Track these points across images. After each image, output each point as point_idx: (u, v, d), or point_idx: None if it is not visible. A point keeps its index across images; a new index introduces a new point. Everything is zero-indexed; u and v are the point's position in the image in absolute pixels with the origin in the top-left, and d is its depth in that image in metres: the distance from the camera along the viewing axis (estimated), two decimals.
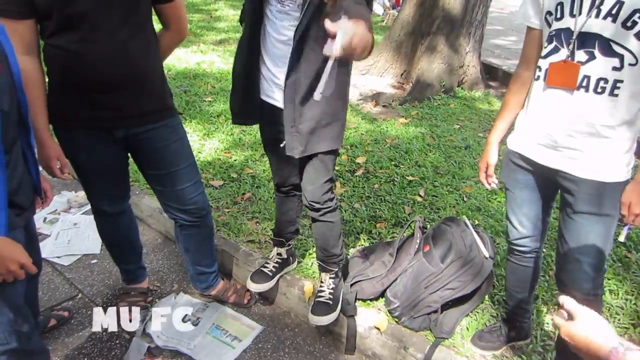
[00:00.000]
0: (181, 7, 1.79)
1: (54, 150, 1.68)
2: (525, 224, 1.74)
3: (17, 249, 1.26)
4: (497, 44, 8.46)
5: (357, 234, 2.63)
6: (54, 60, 1.60)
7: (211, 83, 4.88)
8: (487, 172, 1.80)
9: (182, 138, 1.89)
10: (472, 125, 4.34)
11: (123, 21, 1.57)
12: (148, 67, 1.70)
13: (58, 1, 1.46)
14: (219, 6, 9.72)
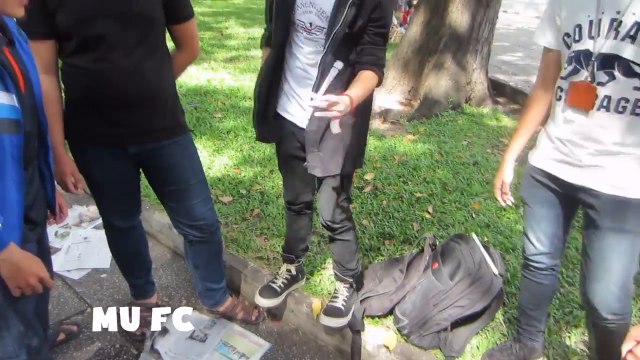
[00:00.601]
0: (194, 28, 1.84)
1: (69, 165, 1.72)
2: (543, 241, 1.74)
3: (36, 263, 1.28)
4: (504, 60, 8.50)
5: (366, 251, 2.63)
6: (71, 79, 1.66)
7: (221, 100, 4.94)
8: (502, 190, 1.81)
9: (192, 155, 1.92)
10: (480, 141, 4.35)
11: (138, 42, 1.62)
12: (161, 86, 1.75)
13: (78, 23, 1.52)
14: (230, 24, 9.88)
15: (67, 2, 1.50)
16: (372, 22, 1.58)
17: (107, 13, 1.54)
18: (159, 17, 1.66)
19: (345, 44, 1.61)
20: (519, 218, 3.00)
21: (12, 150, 1.18)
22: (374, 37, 1.63)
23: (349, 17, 1.54)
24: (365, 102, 1.75)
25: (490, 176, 3.55)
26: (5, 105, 1.14)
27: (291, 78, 1.77)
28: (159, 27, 1.69)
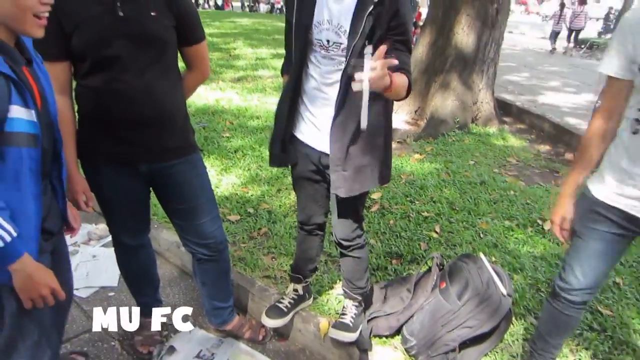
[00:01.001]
0: (204, 50, 1.88)
1: (80, 184, 1.75)
2: (589, 276, 1.66)
3: (48, 274, 1.30)
4: (510, 80, 8.56)
5: (373, 270, 2.63)
6: (84, 99, 1.69)
7: (229, 119, 5.00)
8: (562, 226, 1.72)
9: (202, 173, 1.95)
10: (487, 161, 4.36)
11: (151, 63, 1.66)
12: (173, 106, 1.78)
13: (92, 46, 1.56)
14: (238, 45, 10.04)
15: (83, 25, 1.54)
16: (391, 30, 1.57)
17: (121, 36, 1.58)
18: (171, 39, 1.70)
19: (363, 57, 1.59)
20: (527, 238, 2.99)
21: (30, 164, 1.22)
22: (396, 44, 1.58)
23: (366, 28, 1.55)
24: (387, 122, 1.78)
25: (498, 195, 3.55)
26: (25, 120, 1.18)
27: (307, 99, 1.78)
28: (171, 49, 1.73)
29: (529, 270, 2.62)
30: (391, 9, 1.54)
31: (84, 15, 1.53)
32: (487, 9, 5.21)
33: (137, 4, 1.59)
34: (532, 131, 5.58)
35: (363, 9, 1.55)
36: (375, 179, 1.82)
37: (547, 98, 7.09)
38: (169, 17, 1.65)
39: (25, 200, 1.24)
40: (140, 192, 1.91)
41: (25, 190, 1.23)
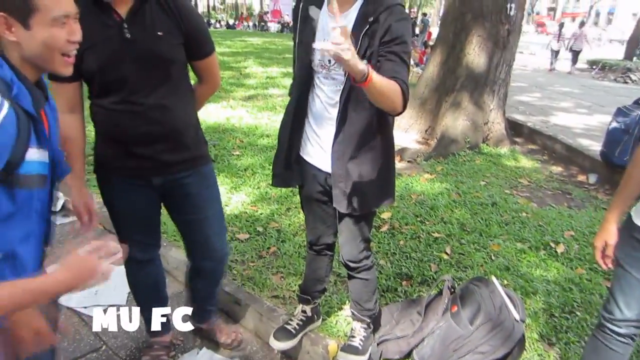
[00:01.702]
0: (215, 62, 1.92)
1: (86, 199, 1.78)
2: (634, 308, 1.61)
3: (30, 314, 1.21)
4: (521, 100, 8.54)
5: (383, 292, 2.59)
6: (98, 116, 1.74)
7: (239, 137, 5.03)
8: (605, 252, 1.68)
9: (213, 185, 1.99)
10: (498, 182, 4.32)
11: (160, 82, 1.69)
12: (184, 121, 1.81)
13: (102, 68, 1.61)
14: (249, 64, 10.16)
15: (91, 48, 1.56)
16: (383, 45, 1.56)
17: (129, 58, 1.61)
18: (179, 57, 1.73)
19: None
20: (539, 261, 2.94)
21: (37, 205, 1.20)
22: (389, 55, 1.56)
23: (362, 47, 1.56)
24: (387, 140, 1.77)
25: (510, 217, 3.51)
26: (38, 162, 1.16)
27: (312, 120, 1.80)
28: (180, 66, 1.77)
29: (542, 295, 2.57)
30: (385, 24, 1.54)
31: (93, 38, 1.54)
32: (498, 30, 5.23)
33: (144, 25, 1.61)
34: (544, 152, 5.54)
35: (359, 29, 1.57)
36: (376, 200, 1.82)
37: (559, 119, 7.05)
38: (177, 36, 1.68)
39: (26, 242, 1.20)
40: (153, 205, 1.93)
41: (28, 232, 1.19)
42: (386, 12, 1.55)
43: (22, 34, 1.09)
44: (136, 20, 1.60)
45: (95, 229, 1.93)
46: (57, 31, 1.13)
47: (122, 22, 1.59)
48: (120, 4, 1.58)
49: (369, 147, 1.73)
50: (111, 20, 1.58)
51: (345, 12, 1.62)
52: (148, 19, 1.62)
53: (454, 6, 5.50)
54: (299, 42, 1.75)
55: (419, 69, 10.22)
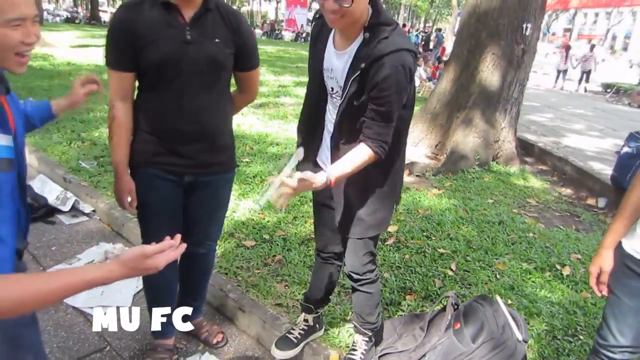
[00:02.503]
0: (257, 76, 2.04)
1: (128, 185, 1.87)
2: (627, 335, 1.60)
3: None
4: (533, 120, 8.52)
5: (386, 305, 2.59)
6: (143, 111, 1.83)
7: (249, 144, 5.07)
8: (599, 279, 1.68)
9: (230, 189, 2.13)
10: (506, 200, 4.31)
11: (208, 85, 1.81)
12: (223, 125, 1.94)
13: (158, 64, 1.71)
14: (261, 72, 10.22)
15: (152, 44, 1.69)
16: (371, 99, 1.58)
17: (186, 58, 1.73)
18: (229, 65, 1.84)
19: (357, 113, 1.64)
20: (544, 282, 2.92)
21: (5, 188, 1.23)
22: (372, 113, 1.61)
23: (350, 91, 1.60)
24: (387, 167, 1.78)
25: (517, 236, 3.50)
26: (4, 146, 1.20)
27: (327, 133, 1.84)
28: (227, 73, 1.88)
29: (546, 316, 2.56)
30: (374, 80, 1.54)
31: (155, 35, 1.69)
32: (513, 49, 5.25)
33: (205, 31, 1.75)
34: (554, 173, 5.52)
35: (352, 73, 1.59)
36: (374, 228, 1.86)
37: (571, 140, 7.02)
38: (231, 46, 1.81)
39: (2, 224, 1.23)
40: (179, 200, 2.00)
41: (2, 213, 1.22)
42: (376, 64, 1.52)
43: None
44: (198, 24, 1.73)
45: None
46: (9, 32, 1.14)
47: (186, 25, 1.71)
48: (187, 9, 1.71)
49: (366, 175, 1.72)
50: (176, 21, 1.71)
51: (344, 50, 1.64)
52: (209, 25, 1.75)
53: (469, 23, 5.53)
54: (311, 62, 1.81)
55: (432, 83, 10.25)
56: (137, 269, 1.06)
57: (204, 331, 2.38)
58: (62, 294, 0.91)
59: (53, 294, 0.89)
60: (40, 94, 6.81)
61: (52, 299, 0.90)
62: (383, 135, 1.63)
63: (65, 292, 0.92)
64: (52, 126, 5.30)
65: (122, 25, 1.71)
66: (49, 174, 4.17)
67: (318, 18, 1.77)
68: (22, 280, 0.88)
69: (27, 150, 4.56)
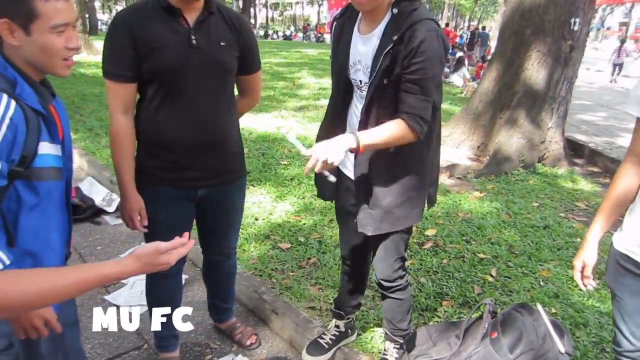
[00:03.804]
0: (259, 79, 1.99)
1: (137, 203, 1.79)
2: (639, 336, 1.53)
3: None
4: (584, 119, 8.14)
5: (422, 311, 2.53)
6: (148, 123, 1.75)
7: (288, 147, 5.10)
8: (583, 273, 1.63)
9: (243, 196, 2.09)
10: (552, 204, 4.13)
11: (215, 91, 1.76)
12: (231, 132, 1.88)
13: (164, 70, 1.65)
14: (302, 75, 10.31)
15: (157, 51, 1.62)
16: (404, 69, 1.51)
17: (192, 63, 1.67)
18: (234, 68, 1.80)
19: (387, 97, 1.57)
20: (593, 291, 2.76)
21: (55, 196, 1.28)
22: (406, 85, 1.53)
23: (383, 66, 1.53)
24: (416, 159, 1.71)
25: (563, 242, 3.34)
26: (52, 155, 1.24)
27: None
28: (232, 78, 1.84)
29: (594, 327, 2.42)
30: (408, 46, 1.48)
31: (160, 41, 1.63)
32: (560, 46, 5.03)
33: (209, 34, 1.70)
34: (605, 175, 5.24)
35: (382, 47, 1.54)
36: (402, 220, 1.77)
37: (626, 141, 6.64)
38: (236, 49, 1.76)
39: (51, 232, 1.29)
40: (192, 215, 1.97)
41: (51, 221, 1.28)
42: (410, 30, 1.48)
43: (23, 38, 1.16)
44: (202, 28, 1.69)
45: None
46: (55, 38, 1.19)
47: (190, 30, 1.66)
48: (189, 13, 1.66)
49: (393, 165, 1.68)
50: (180, 26, 1.65)
51: (371, 32, 1.60)
52: (213, 29, 1.71)
53: (513, 20, 5.35)
54: (334, 61, 1.77)
55: (475, 83, 9.98)
56: (150, 264, 1.07)
57: (238, 332, 2.39)
58: (80, 288, 0.93)
59: (72, 288, 0.91)
60: (93, 100, 7.14)
61: (71, 292, 0.92)
62: (419, 109, 1.53)
63: (84, 287, 0.94)
64: (101, 130, 5.54)
65: (123, 31, 1.62)
66: (97, 176, 4.35)
67: (339, 18, 1.75)
68: (44, 274, 0.91)
69: (78, 154, 4.78)
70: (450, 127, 5.77)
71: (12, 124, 1.10)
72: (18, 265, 1.17)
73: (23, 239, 1.19)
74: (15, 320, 1.25)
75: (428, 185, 1.82)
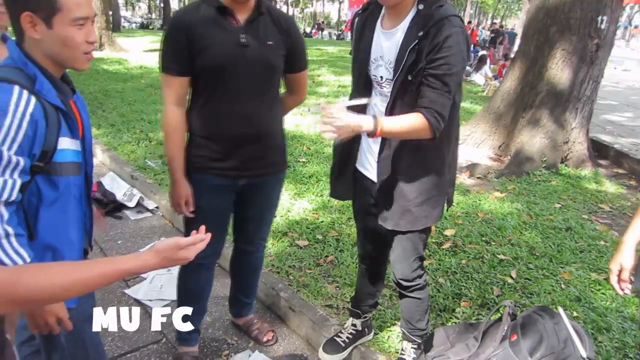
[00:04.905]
0: (305, 77, 2.06)
1: (186, 189, 1.89)
2: None
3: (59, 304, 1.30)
4: (610, 119, 7.96)
5: (440, 311, 2.51)
6: (197, 115, 1.86)
7: (307, 145, 5.10)
8: (620, 276, 1.60)
9: (281, 188, 2.15)
10: (575, 205, 4.04)
11: (262, 87, 1.84)
12: (275, 127, 1.97)
13: (214, 67, 1.75)
14: (322, 72, 10.29)
15: (209, 48, 1.72)
16: (428, 63, 1.51)
17: (240, 61, 1.76)
18: (280, 66, 1.87)
19: (410, 93, 1.57)
20: (616, 295, 2.70)
21: (74, 191, 1.31)
22: (429, 79, 1.53)
23: (408, 62, 1.53)
24: (437, 157, 1.71)
25: (585, 244, 3.27)
26: (72, 150, 1.27)
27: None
28: (279, 75, 1.91)
29: (616, 332, 2.37)
30: (434, 42, 1.48)
31: (212, 39, 1.73)
32: (585, 45, 4.92)
33: (258, 34, 1.78)
34: (631, 177, 5.11)
35: (407, 43, 1.54)
36: (422, 220, 1.76)
37: None
38: (282, 48, 1.84)
39: (70, 226, 1.31)
40: (231, 204, 2.03)
41: (70, 216, 1.30)
42: (436, 26, 1.49)
43: (44, 32, 1.19)
44: (252, 28, 1.77)
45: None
46: (76, 31, 1.21)
47: (240, 29, 1.75)
48: (240, 13, 1.76)
49: (415, 164, 1.69)
50: (230, 25, 1.75)
51: (396, 27, 1.60)
52: (262, 29, 1.79)
53: (537, 19, 5.24)
54: (355, 57, 1.78)
55: (497, 82, 9.84)
56: (170, 259, 1.08)
57: (255, 329, 2.41)
58: (100, 282, 0.94)
59: (92, 282, 0.92)
60: (115, 96, 7.23)
61: (91, 286, 0.93)
62: (437, 103, 1.52)
63: (104, 280, 0.95)
64: (122, 126, 5.62)
65: (179, 28, 1.75)
66: (118, 172, 4.42)
67: (361, 13, 1.75)
68: (65, 268, 0.93)
69: (100, 149, 4.86)
70: (471, 126, 5.70)
71: (32, 119, 1.13)
72: (38, 259, 1.20)
73: (43, 233, 1.22)
74: (30, 316, 1.27)
75: (447, 185, 1.80)
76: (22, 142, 1.11)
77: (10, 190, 1.10)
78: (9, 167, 1.09)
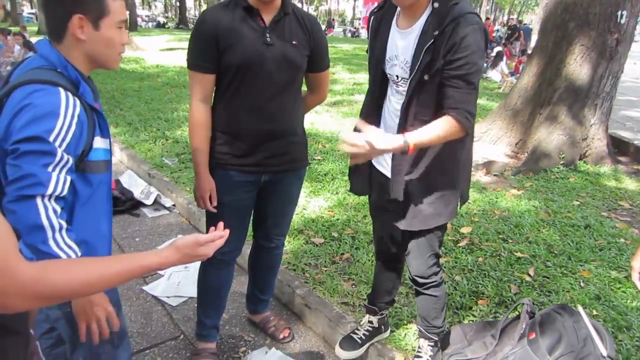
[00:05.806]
0: (327, 77, 2.09)
1: (209, 184, 1.93)
2: None
3: (104, 297, 1.34)
4: (630, 115, 7.82)
5: (456, 309, 2.50)
6: (221, 112, 1.89)
7: (322, 142, 5.11)
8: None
9: (300, 185, 2.17)
10: (594, 202, 3.98)
11: (286, 86, 1.87)
12: (298, 124, 2.00)
13: (240, 64, 1.78)
14: (337, 70, 10.28)
15: (235, 46, 1.76)
16: (447, 64, 1.50)
17: (265, 59, 1.79)
18: (304, 66, 1.90)
19: (426, 93, 1.57)
20: (637, 293, 2.66)
21: (104, 187, 1.36)
22: (450, 81, 1.52)
23: (424, 62, 1.52)
24: (452, 156, 1.69)
25: (605, 242, 3.22)
26: (103, 149, 1.33)
27: (383, 129, 1.78)
28: (302, 74, 1.95)
29: (637, 330, 2.33)
30: (450, 41, 1.47)
31: (238, 37, 1.76)
32: (605, 40, 4.83)
33: (283, 33, 1.82)
34: None
35: (423, 43, 1.53)
36: (435, 218, 1.76)
37: None
38: (306, 48, 1.87)
39: (101, 221, 1.37)
40: (252, 201, 2.06)
41: (100, 211, 1.36)
42: (452, 24, 1.46)
43: (91, 33, 1.26)
44: (277, 28, 1.81)
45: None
46: (117, 33, 1.30)
47: (266, 28, 1.79)
48: (266, 13, 1.80)
49: (428, 162, 1.67)
50: (256, 24, 1.79)
51: (411, 26, 1.59)
52: (287, 28, 1.82)
53: (556, 14, 5.17)
54: (371, 56, 1.78)
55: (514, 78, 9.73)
56: (189, 256, 1.10)
57: (271, 326, 2.43)
58: (122, 278, 0.97)
59: (116, 278, 0.95)
60: (132, 95, 7.33)
61: (114, 282, 0.96)
62: (465, 102, 1.52)
63: (126, 276, 0.97)
64: (140, 125, 5.69)
65: (207, 27, 1.78)
66: (136, 170, 4.48)
67: (376, 12, 1.75)
68: (90, 264, 0.95)
69: (118, 148, 4.93)
70: (487, 123, 5.64)
71: (79, 121, 1.20)
72: None
73: (78, 228, 1.26)
74: (80, 314, 1.30)
75: (461, 183, 1.80)
76: (71, 141, 1.18)
77: (62, 186, 1.17)
78: (60, 164, 1.16)
